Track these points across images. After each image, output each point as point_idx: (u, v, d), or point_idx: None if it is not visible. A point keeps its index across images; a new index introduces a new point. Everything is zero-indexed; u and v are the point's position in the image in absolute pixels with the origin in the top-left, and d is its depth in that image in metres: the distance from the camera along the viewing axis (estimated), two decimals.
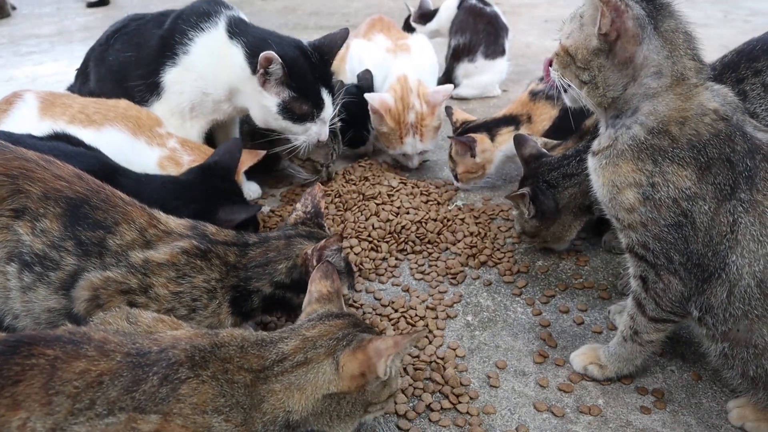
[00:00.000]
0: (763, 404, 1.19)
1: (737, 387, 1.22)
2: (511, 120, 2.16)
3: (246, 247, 1.31)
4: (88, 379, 0.84)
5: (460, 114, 2.29)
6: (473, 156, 2.12)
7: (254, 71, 1.81)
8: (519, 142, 1.81)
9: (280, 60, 1.74)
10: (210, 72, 1.91)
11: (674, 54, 1.12)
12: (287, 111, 1.84)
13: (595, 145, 1.24)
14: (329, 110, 1.92)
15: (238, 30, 1.89)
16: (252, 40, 1.87)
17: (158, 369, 0.88)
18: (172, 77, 1.93)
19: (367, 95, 2.25)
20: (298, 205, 1.47)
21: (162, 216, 1.28)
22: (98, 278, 1.14)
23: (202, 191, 1.59)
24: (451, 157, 2.21)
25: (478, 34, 2.92)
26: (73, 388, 0.83)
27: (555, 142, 1.89)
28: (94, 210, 1.18)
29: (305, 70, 1.84)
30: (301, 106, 1.85)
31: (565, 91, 1.23)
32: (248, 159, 1.93)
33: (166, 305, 1.17)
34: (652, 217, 1.14)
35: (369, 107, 2.27)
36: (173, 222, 1.28)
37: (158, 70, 1.92)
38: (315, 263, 1.24)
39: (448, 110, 2.30)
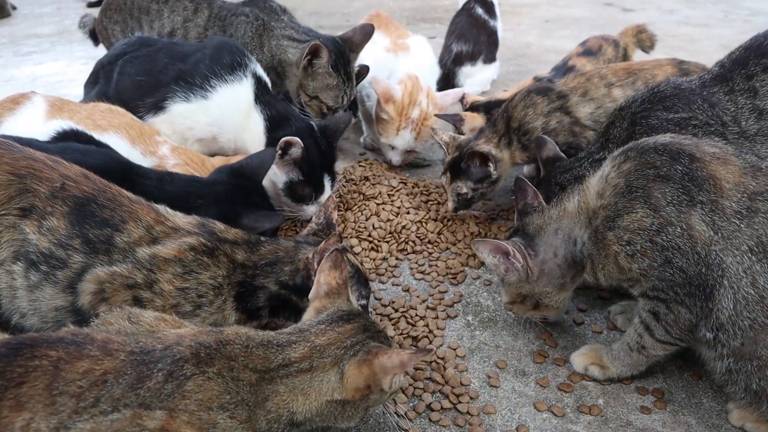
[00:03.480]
0: (766, 417, 1.18)
1: (740, 401, 1.21)
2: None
3: (258, 245, 1.31)
4: (92, 378, 0.85)
5: (470, 97, 2.29)
6: (462, 134, 2.12)
7: (269, 145, 1.88)
8: (539, 143, 1.78)
9: (302, 145, 1.81)
10: (226, 123, 1.97)
11: (549, 221, 1.36)
12: (291, 190, 1.92)
13: (588, 274, 1.37)
14: (327, 195, 1.97)
15: (263, 97, 1.97)
16: (275, 114, 1.96)
17: (163, 366, 0.88)
18: (180, 110, 1.96)
19: (374, 77, 2.26)
20: (314, 218, 1.48)
21: (169, 213, 1.28)
22: (104, 272, 1.14)
23: (227, 191, 1.59)
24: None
25: (480, 45, 3.14)
26: (77, 388, 0.84)
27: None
28: (101, 208, 1.19)
29: (315, 156, 1.91)
30: (303, 188, 1.91)
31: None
32: None
33: (171, 301, 1.17)
34: (647, 265, 1.19)
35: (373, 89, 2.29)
36: (181, 219, 1.28)
37: (166, 97, 1.96)
38: (316, 267, 1.24)
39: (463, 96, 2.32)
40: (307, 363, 0.98)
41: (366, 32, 2.22)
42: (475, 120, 2.11)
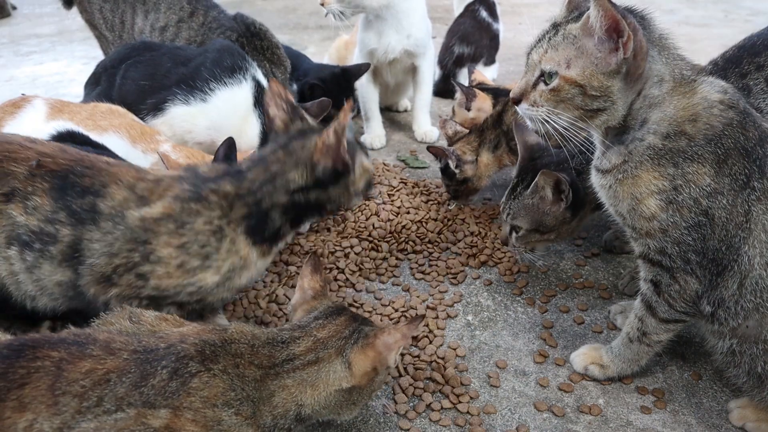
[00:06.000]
0: (767, 403, 1.19)
1: (742, 386, 1.22)
2: None
3: (240, 173, 1.24)
4: (95, 378, 0.85)
5: (479, 75, 2.30)
6: (468, 109, 2.15)
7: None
8: (520, 128, 1.69)
9: None
10: (224, 127, 1.96)
11: (669, 58, 1.13)
12: None
13: (603, 164, 1.20)
14: None
15: (262, 101, 1.97)
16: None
17: (167, 363, 0.89)
18: (180, 112, 1.97)
19: None
20: (272, 110, 1.30)
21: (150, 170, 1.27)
22: (104, 262, 1.14)
23: None
24: (453, 109, 2.27)
25: (482, 48, 3.17)
26: (80, 388, 0.84)
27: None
28: (80, 177, 1.17)
29: None
30: None
31: (546, 123, 1.14)
32: None
33: (174, 262, 1.14)
34: (673, 222, 1.13)
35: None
36: (163, 171, 1.27)
37: (167, 99, 1.97)
38: (335, 140, 1.18)
39: (470, 68, 2.33)
40: (312, 355, 1.01)
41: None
42: (485, 102, 2.12)
